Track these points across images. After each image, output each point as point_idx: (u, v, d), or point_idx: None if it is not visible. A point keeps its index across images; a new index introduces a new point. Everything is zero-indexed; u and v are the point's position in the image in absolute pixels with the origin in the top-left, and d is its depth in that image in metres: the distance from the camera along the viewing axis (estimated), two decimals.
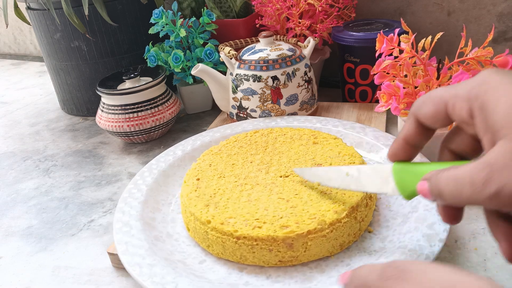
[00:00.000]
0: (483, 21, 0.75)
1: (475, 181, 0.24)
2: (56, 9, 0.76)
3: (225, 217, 0.42)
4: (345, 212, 0.41)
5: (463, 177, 0.25)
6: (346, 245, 0.42)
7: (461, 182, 0.25)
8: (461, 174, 0.26)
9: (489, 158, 0.24)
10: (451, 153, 0.32)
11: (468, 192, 0.25)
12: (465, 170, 0.25)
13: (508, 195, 0.23)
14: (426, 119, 0.30)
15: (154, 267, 0.40)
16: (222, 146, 0.55)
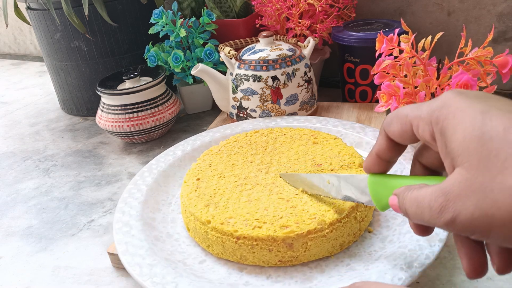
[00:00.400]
0: (483, 21, 0.75)
1: (433, 208, 0.25)
2: (56, 9, 0.76)
3: (225, 217, 0.42)
4: (345, 212, 0.41)
5: (423, 201, 0.26)
6: (346, 245, 0.42)
7: (421, 205, 0.26)
8: (422, 198, 0.26)
9: (445, 186, 0.25)
10: (422, 166, 0.33)
11: (428, 217, 0.26)
12: (426, 194, 0.26)
13: (462, 223, 0.24)
14: (394, 136, 0.31)
15: (154, 267, 0.40)
16: (222, 146, 0.55)
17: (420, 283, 0.41)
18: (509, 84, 0.77)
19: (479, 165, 0.23)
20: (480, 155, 0.23)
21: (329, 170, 0.48)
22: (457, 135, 0.25)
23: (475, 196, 0.23)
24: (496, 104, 0.25)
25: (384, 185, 0.33)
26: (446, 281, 0.40)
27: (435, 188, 0.26)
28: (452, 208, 0.24)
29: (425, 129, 0.27)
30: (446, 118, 0.26)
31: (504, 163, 0.22)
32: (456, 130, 0.25)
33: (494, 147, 0.23)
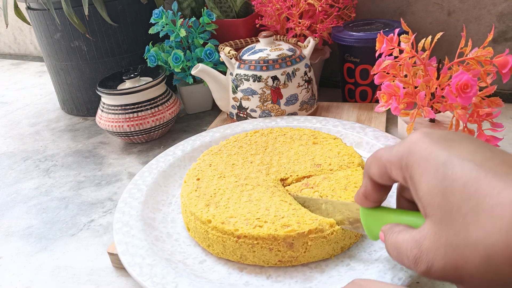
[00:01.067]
0: (483, 21, 0.74)
1: (409, 258, 0.27)
2: (56, 9, 0.76)
3: (225, 217, 0.42)
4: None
5: (401, 249, 0.28)
6: (347, 247, 0.42)
7: (400, 253, 0.28)
8: (400, 245, 0.28)
9: (418, 237, 0.26)
10: (406, 200, 0.33)
11: (407, 264, 0.27)
12: (403, 242, 0.28)
13: (436, 273, 0.25)
14: (376, 178, 0.32)
15: (154, 267, 0.40)
16: (222, 146, 0.55)
17: (420, 283, 0.41)
18: (509, 84, 0.77)
19: (443, 220, 0.24)
20: (444, 209, 0.24)
21: (328, 170, 0.48)
22: (422, 185, 0.26)
23: (443, 249, 0.24)
24: (459, 151, 0.25)
25: (375, 217, 0.35)
26: None
27: (411, 238, 0.27)
28: (425, 260, 0.25)
29: (398, 173, 0.28)
30: (412, 166, 0.27)
31: (465, 218, 0.23)
32: (421, 181, 0.26)
33: (456, 202, 0.24)
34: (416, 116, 0.53)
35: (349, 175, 0.46)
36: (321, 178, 0.46)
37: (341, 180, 0.45)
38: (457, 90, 0.46)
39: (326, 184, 0.45)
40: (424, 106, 0.51)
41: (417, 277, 0.36)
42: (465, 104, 0.47)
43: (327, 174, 0.47)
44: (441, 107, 0.52)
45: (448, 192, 0.24)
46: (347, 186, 0.44)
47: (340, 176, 0.46)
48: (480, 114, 0.50)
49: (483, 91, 0.50)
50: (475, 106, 0.50)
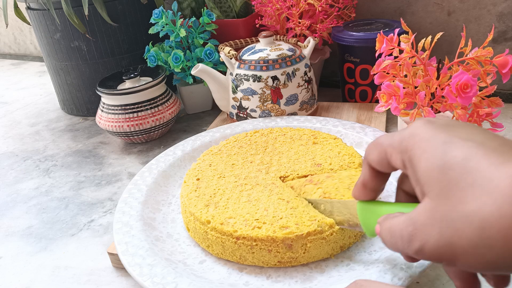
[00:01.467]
0: (483, 21, 0.74)
1: (403, 237, 0.26)
2: (56, 9, 0.76)
3: (224, 217, 0.42)
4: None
5: (395, 230, 0.27)
6: (347, 246, 0.42)
7: (394, 235, 0.27)
8: (394, 227, 0.27)
9: (414, 215, 0.26)
10: (405, 193, 0.33)
11: (400, 246, 0.26)
12: (398, 223, 0.27)
13: (429, 251, 0.24)
14: (375, 165, 0.31)
15: (155, 267, 0.40)
16: (222, 146, 0.55)
17: (420, 283, 0.41)
18: (509, 84, 0.77)
19: (441, 194, 0.24)
20: (442, 184, 0.24)
21: (328, 170, 0.48)
22: (421, 164, 0.25)
23: (438, 224, 0.24)
24: (460, 133, 0.25)
25: (372, 212, 0.34)
26: (446, 281, 0.40)
27: (406, 217, 0.26)
28: (420, 237, 0.25)
29: (397, 157, 0.28)
30: (412, 148, 0.26)
31: (462, 192, 0.23)
32: (421, 160, 0.25)
33: (454, 177, 0.23)
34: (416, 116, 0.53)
35: (353, 175, 0.45)
36: (325, 176, 0.46)
37: (344, 179, 0.45)
38: (457, 90, 0.46)
39: (330, 182, 0.44)
40: (424, 106, 0.51)
41: (417, 277, 0.36)
42: (465, 104, 0.47)
43: (331, 173, 0.47)
44: (441, 107, 0.52)
45: (446, 168, 0.24)
46: (350, 185, 0.44)
47: (344, 175, 0.46)
48: (480, 114, 0.50)
49: (483, 91, 0.50)
50: (475, 106, 0.50)
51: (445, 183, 0.24)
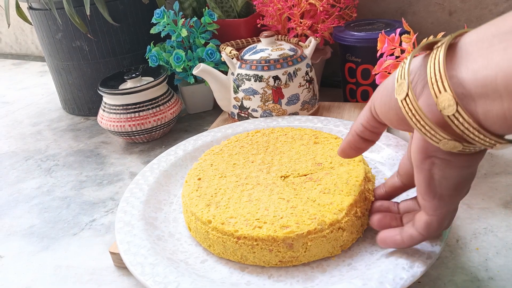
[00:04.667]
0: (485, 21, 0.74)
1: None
2: (58, 9, 0.76)
3: (225, 217, 0.42)
4: (344, 212, 0.41)
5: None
6: (350, 243, 0.42)
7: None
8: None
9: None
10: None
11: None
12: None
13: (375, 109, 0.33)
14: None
15: (156, 267, 0.40)
16: (223, 146, 0.55)
17: (422, 283, 0.41)
18: None
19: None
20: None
21: (329, 169, 0.48)
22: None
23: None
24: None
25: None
26: (448, 281, 0.41)
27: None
28: (373, 98, 0.34)
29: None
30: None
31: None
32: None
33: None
34: None
35: (351, 170, 0.46)
36: (324, 174, 0.46)
37: (342, 174, 0.46)
38: None
39: (329, 178, 0.45)
40: None
41: (419, 276, 0.36)
42: None
43: (330, 170, 0.47)
44: None
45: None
46: (348, 180, 0.44)
47: (342, 171, 0.46)
48: None
49: None
50: None
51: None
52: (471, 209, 0.49)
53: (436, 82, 0.26)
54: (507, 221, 0.47)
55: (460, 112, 0.26)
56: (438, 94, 0.26)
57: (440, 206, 0.33)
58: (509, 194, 0.51)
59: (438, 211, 0.33)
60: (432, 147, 0.29)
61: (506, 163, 0.56)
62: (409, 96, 0.28)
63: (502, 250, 0.43)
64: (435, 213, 0.33)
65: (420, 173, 0.31)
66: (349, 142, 0.39)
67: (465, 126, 0.26)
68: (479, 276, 0.41)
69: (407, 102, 0.29)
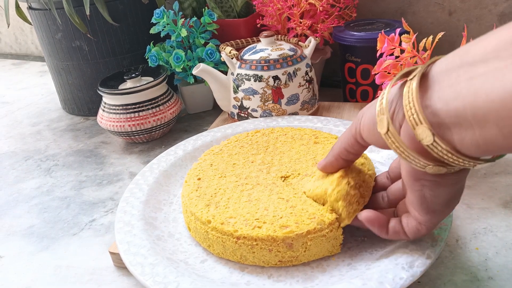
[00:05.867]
0: (484, 21, 0.74)
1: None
2: (58, 9, 0.76)
3: (225, 217, 0.42)
4: (334, 183, 0.41)
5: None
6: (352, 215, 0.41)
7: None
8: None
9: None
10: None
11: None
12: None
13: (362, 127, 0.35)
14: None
15: (156, 267, 0.40)
16: (223, 146, 0.55)
17: (421, 283, 0.41)
18: None
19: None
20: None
21: None
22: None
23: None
24: None
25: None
26: (447, 281, 0.41)
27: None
28: (361, 114, 0.36)
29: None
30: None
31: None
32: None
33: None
34: None
35: None
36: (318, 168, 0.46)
37: None
38: None
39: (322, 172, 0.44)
40: None
41: (419, 276, 0.36)
42: None
43: None
44: None
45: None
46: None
47: None
48: None
49: None
50: None
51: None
52: (471, 209, 0.49)
53: (412, 115, 0.28)
54: (507, 221, 0.47)
55: (437, 142, 0.27)
56: (415, 126, 0.28)
57: (432, 219, 0.35)
58: (508, 194, 0.51)
59: (430, 222, 0.35)
60: (420, 172, 0.31)
61: (506, 163, 0.56)
62: (390, 130, 0.30)
63: (502, 250, 0.43)
64: (427, 224, 0.35)
65: (412, 193, 0.34)
66: (332, 164, 0.41)
67: (444, 153, 0.28)
68: (478, 276, 0.41)
69: (389, 135, 0.30)
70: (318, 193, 0.42)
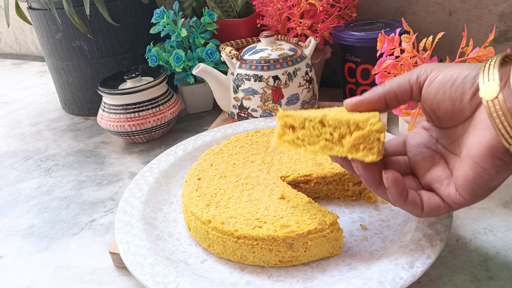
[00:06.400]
0: (484, 21, 0.74)
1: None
2: (58, 9, 0.76)
3: (225, 217, 0.42)
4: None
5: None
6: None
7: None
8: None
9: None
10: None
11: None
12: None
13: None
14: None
15: (156, 267, 0.40)
16: (223, 146, 0.55)
17: (421, 283, 0.41)
18: None
19: None
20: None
21: (330, 169, 0.48)
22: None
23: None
24: None
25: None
26: (448, 281, 0.41)
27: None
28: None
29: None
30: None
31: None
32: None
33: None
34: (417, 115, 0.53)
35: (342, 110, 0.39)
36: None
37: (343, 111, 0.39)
38: None
39: None
40: None
41: (419, 276, 0.36)
42: None
43: None
44: None
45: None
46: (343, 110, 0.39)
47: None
48: None
49: None
50: None
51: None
52: (470, 209, 0.49)
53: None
54: (507, 221, 0.47)
55: None
56: None
57: (468, 202, 0.34)
58: (508, 194, 0.51)
59: (462, 204, 0.34)
60: (502, 148, 0.30)
61: None
62: (499, 98, 0.30)
63: (502, 250, 0.43)
64: (459, 205, 0.34)
65: (475, 170, 0.32)
66: (372, 101, 0.37)
67: None
68: (478, 276, 0.41)
69: (494, 103, 0.30)
70: (356, 118, 0.35)
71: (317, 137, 0.36)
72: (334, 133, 0.36)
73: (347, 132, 0.35)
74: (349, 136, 0.35)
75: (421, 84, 0.35)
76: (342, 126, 0.35)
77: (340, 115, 0.36)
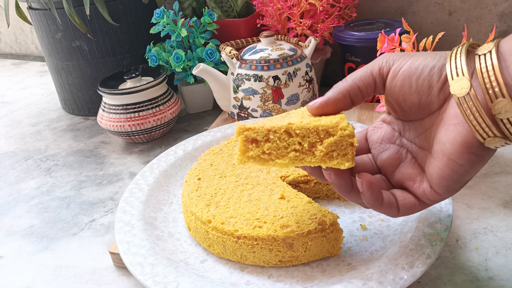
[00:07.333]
0: (484, 21, 0.74)
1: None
2: (58, 9, 0.76)
3: (225, 217, 0.42)
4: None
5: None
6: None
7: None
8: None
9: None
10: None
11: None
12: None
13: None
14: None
15: (156, 267, 0.40)
16: (223, 146, 0.55)
17: (421, 283, 0.41)
18: None
19: None
20: None
21: None
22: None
23: None
24: None
25: None
26: (448, 281, 0.41)
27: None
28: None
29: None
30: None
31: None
32: None
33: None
34: None
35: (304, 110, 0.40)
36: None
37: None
38: None
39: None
40: None
41: (419, 276, 0.36)
42: None
43: None
44: None
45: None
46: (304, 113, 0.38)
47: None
48: None
49: None
50: None
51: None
52: (470, 209, 0.49)
53: (493, 88, 0.27)
54: (507, 221, 0.47)
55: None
56: (494, 99, 0.27)
57: (443, 197, 0.33)
58: (508, 194, 0.51)
59: (437, 201, 0.33)
60: (476, 143, 0.30)
61: (506, 163, 0.56)
62: (471, 94, 0.29)
63: (502, 250, 0.43)
64: (434, 201, 0.34)
65: (450, 166, 0.31)
66: (337, 100, 0.35)
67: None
68: (478, 276, 0.41)
69: (466, 99, 0.29)
70: (324, 124, 0.33)
71: (285, 149, 0.34)
72: (303, 143, 0.33)
73: (317, 140, 0.33)
74: (319, 144, 0.33)
75: (384, 76, 0.33)
76: (310, 134, 0.33)
77: (306, 121, 0.34)
